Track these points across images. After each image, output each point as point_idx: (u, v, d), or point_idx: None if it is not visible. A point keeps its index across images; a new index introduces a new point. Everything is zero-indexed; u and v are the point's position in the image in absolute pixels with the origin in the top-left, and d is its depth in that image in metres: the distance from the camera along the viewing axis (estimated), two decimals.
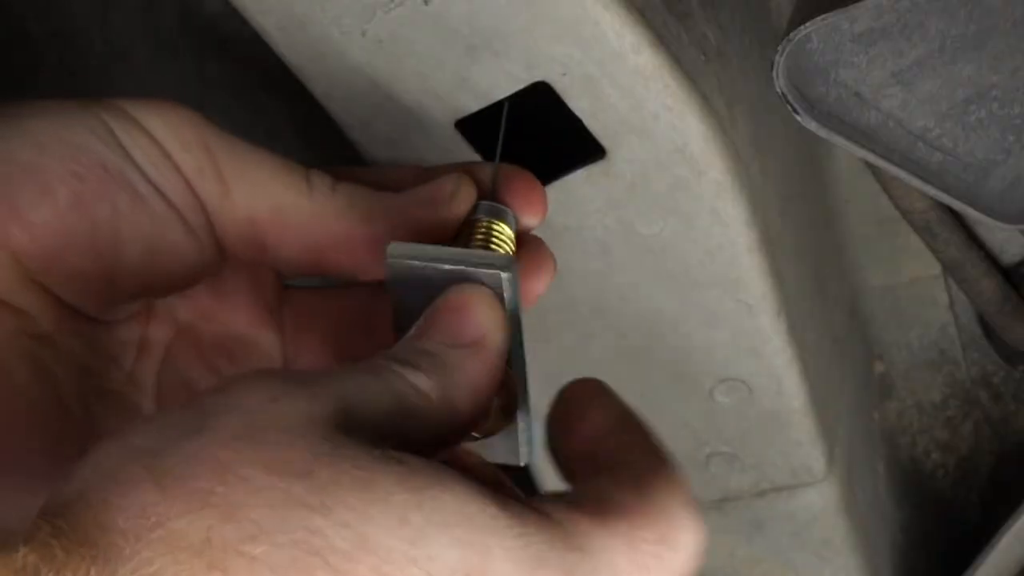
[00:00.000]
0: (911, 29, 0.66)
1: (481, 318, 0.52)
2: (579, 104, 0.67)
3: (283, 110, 0.89)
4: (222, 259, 0.59)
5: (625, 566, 0.46)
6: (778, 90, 0.64)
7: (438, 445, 0.50)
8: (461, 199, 0.59)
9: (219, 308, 0.61)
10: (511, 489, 0.50)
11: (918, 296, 1.08)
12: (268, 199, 0.57)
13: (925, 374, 1.11)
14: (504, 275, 0.53)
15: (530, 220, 0.60)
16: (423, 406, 0.49)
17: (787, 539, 0.97)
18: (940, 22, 0.66)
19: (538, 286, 0.60)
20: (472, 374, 0.51)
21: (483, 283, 0.53)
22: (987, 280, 0.96)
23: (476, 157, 0.69)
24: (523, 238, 0.60)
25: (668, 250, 0.75)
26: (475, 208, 0.59)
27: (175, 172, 0.57)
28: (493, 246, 0.58)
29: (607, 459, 0.51)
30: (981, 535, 1.02)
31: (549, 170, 0.71)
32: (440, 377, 0.50)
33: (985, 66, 0.68)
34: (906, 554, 1.10)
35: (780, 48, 0.62)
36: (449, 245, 0.58)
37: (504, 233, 0.58)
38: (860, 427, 1.04)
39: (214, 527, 0.42)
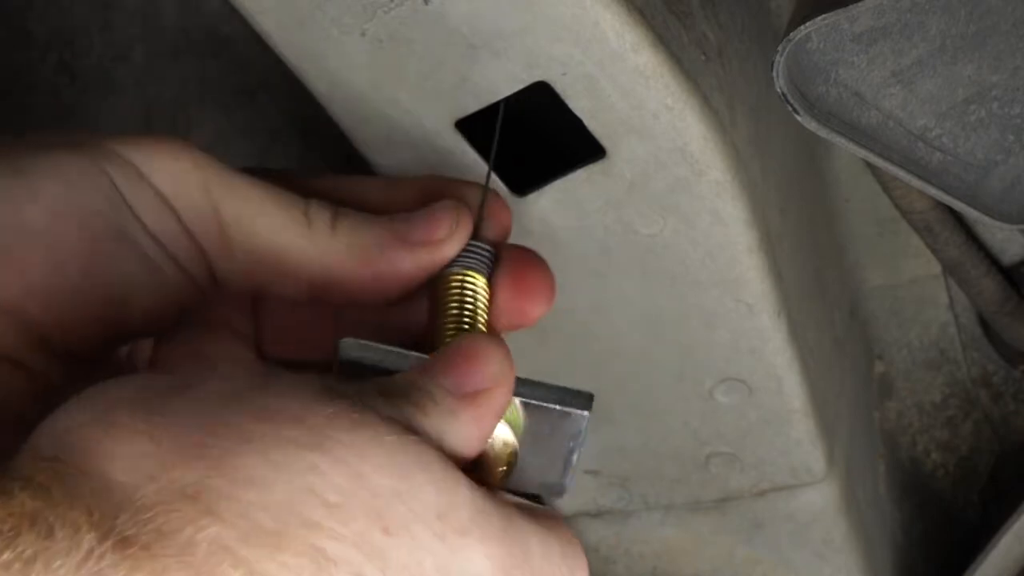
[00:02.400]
0: (911, 29, 0.66)
1: (489, 371, 0.53)
2: (579, 104, 0.67)
3: (283, 110, 0.89)
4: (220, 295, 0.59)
5: (536, 551, 0.51)
6: (778, 90, 0.64)
7: None
8: (455, 240, 0.60)
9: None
10: None
11: (918, 296, 1.08)
12: (267, 243, 0.58)
13: (925, 374, 1.10)
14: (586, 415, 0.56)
15: (537, 310, 0.61)
16: None
17: (787, 539, 0.97)
18: (940, 22, 0.66)
19: (536, 308, 0.61)
20: (462, 425, 0.52)
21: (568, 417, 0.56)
22: (987, 280, 0.96)
23: (476, 157, 0.69)
24: (524, 257, 0.61)
25: (668, 250, 0.75)
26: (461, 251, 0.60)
27: (177, 223, 0.57)
28: (467, 305, 0.59)
29: None
30: (981, 535, 1.02)
31: (549, 170, 0.71)
32: (431, 420, 0.51)
33: (985, 66, 0.68)
34: (906, 554, 1.10)
35: (780, 48, 0.62)
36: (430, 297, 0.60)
37: (478, 288, 0.59)
38: (860, 427, 1.04)
39: (208, 477, 0.43)
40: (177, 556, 0.42)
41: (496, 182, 0.70)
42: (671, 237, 0.74)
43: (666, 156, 0.69)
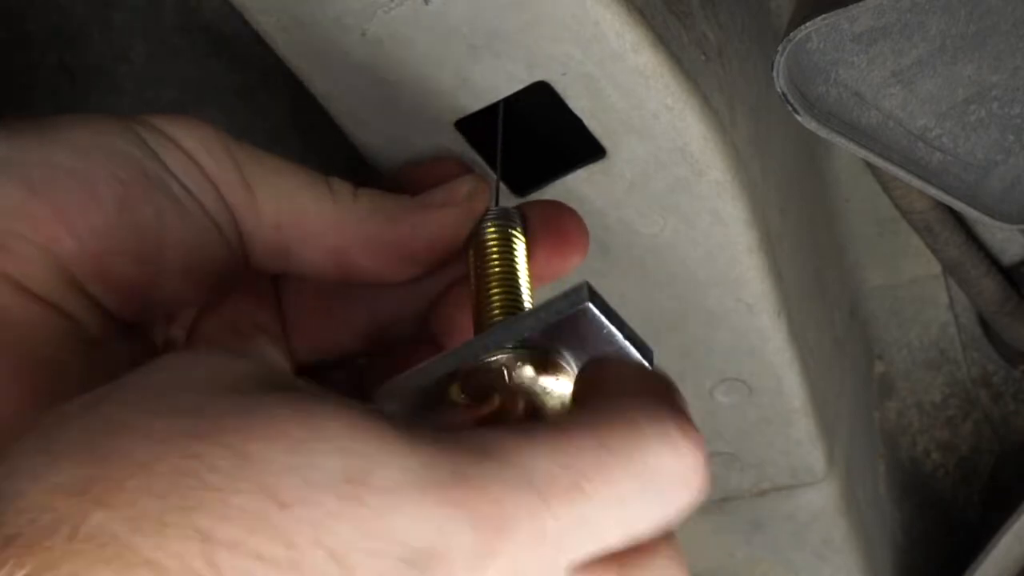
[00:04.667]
0: (911, 29, 0.66)
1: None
2: (579, 104, 0.67)
3: (284, 110, 0.89)
4: (247, 269, 0.59)
5: (546, 467, 0.45)
6: (778, 90, 0.64)
7: None
8: (477, 199, 0.61)
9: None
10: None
11: (918, 296, 1.08)
12: (293, 206, 0.59)
13: (925, 374, 1.11)
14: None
15: (575, 257, 0.61)
16: None
17: (787, 539, 0.97)
18: (940, 22, 0.66)
19: (574, 255, 0.61)
20: None
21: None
22: (987, 280, 0.96)
23: (476, 157, 0.69)
24: (555, 207, 0.62)
25: (668, 250, 0.75)
26: (485, 212, 0.61)
27: (207, 181, 0.58)
28: (508, 257, 0.59)
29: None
30: (981, 535, 1.02)
31: (549, 170, 0.71)
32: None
33: (985, 66, 0.68)
34: (906, 554, 1.10)
35: (780, 48, 0.62)
36: (466, 254, 0.60)
37: (516, 240, 0.60)
38: (860, 427, 1.04)
39: (93, 473, 0.43)
40: (64, 547, 0.41)
41: None
42: (671, 237, 0.74)
43: (666, 156, 0.69)
